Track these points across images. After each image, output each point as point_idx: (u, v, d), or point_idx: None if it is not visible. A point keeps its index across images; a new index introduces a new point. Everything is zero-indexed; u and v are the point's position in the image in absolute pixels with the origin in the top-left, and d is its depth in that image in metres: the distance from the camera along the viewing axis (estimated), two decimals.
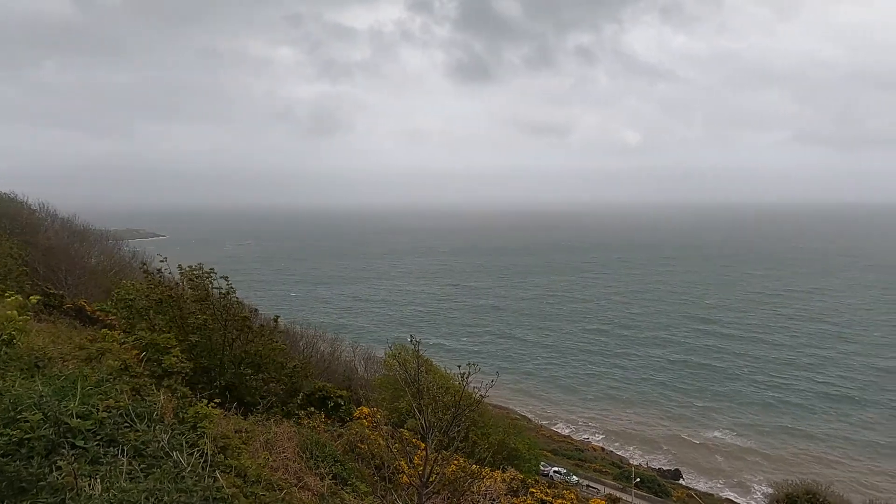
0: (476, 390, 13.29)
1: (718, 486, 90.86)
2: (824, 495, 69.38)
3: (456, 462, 14.89)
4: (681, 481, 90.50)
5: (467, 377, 12.90)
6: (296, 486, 10.97)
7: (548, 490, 20.79)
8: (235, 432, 10.53)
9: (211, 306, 19.32)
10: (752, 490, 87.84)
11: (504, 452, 46.05)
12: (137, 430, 7.86)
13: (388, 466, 14.86)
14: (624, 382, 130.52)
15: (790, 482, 75.04)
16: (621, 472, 79.99)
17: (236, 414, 14.60)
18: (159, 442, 7.63)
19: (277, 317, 24.36)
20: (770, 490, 79.31)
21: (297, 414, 18.58)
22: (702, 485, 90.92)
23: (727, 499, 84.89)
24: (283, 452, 12.92)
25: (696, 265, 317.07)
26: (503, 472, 23.92)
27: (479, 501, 15.65)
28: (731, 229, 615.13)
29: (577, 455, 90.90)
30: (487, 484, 17.13)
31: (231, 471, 8.06)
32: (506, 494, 18.23)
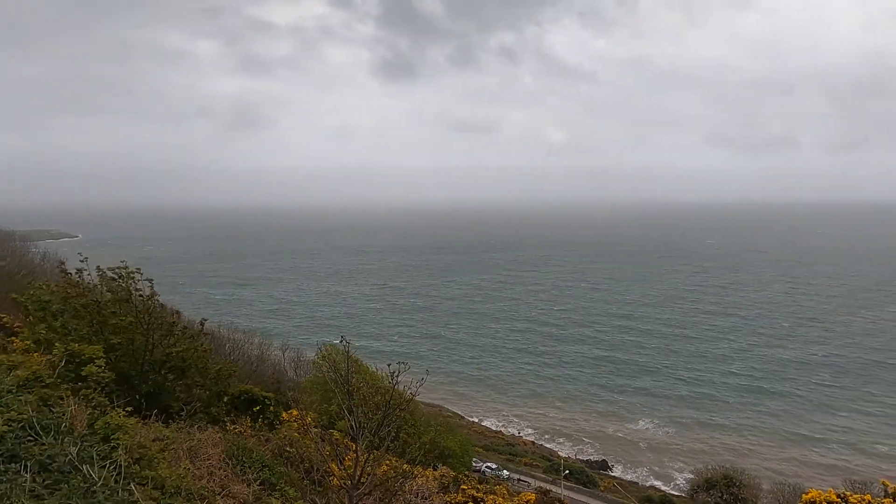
0: (406, 389, 13.18)
1: (643, 474, 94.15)
2: (739, 479, 73.36)
3: (388, 462, 14.73)
4: (608, 471, 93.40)
5: (397, 376, 12.76)
6: (220, 494, 10.54)
7: (479, 486, 20.93)
8: (154, 441, 10.00)
9: (133, 309, 18.44)
10: (675, 477, 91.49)
11: (436, 451, 46.15)
12: (43, 444, 7.30)
13: (318, 469, 14.54)
14: (551, 379, 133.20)
15: (709, 468, 78.88)
16: (551, 465, 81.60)
17: (157, 421, 13.94)
18: (67, 455, 7.10)
19: (204, 319, 23.46)
20: (691, 476, 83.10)
21: (223, 419, 17.94)
22: (628, 474, 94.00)
23: (652, 486, 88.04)
24: (208, 460, 12.40)
25: (618, 262, 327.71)
26: (435, 470, 23.92)
27: (411, 500, 15.54)
28: (651, 227, 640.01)
29: (509, 450, 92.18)
30: (419, 483, 17.06)
31: (148, 482, 7.62)
32: (438, 492, 18.21)
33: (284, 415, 20.89)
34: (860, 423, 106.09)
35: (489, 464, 76.04)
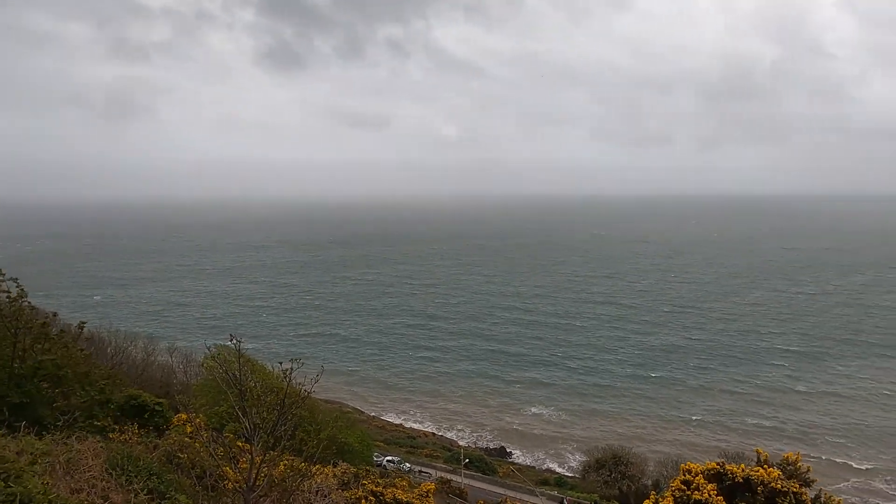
0: (301, 386, 12.96)
1: (540, 458, 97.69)
2: (627, 458, 77.78)
3: (285, 462, 14.44)
4: (506, 458, 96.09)
5: (291, 374, 12.51)
6: None
7: (380, 480, 20.96)
8: (19, 455, 9.28)
9: None
10: (568, 460, 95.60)
11: (334, 447, 45.70)
12: None
13: (211, 474, 14.02)
14: (448, 372, 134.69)
15: (599, 449, 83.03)
16: (451, 455, 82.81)
17: (29, 434, 12.91)
18: None
19: (84, 322, 21.89)
20: (583, 458, 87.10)
21: (109, 428, 16.90)
22: (525, 459, 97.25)
23: (548, 469, 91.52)
24: (89, 472, 11.66)
25: (511, 254, 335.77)
26: (335, 466, 23.71)
27: (310, 499, 15.33)
28: (542, 219, 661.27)
29: (410, 442, 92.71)
30: (318, 480, 16.85)
31: (15, 499, 7.05)
32: (338, 489, 18.07)
33: (174, 419, 19.96)
34: (731, 403, 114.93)
35: (390, 457, 76.13)
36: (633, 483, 71.88)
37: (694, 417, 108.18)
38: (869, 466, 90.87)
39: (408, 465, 74.97)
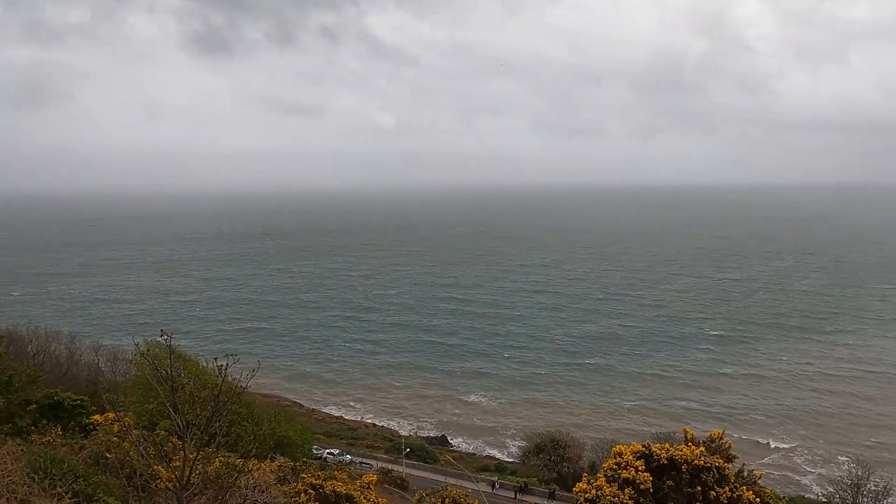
0: (237, 381, 12.69)
1: (480, 445, 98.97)
2: (565, 441, 79.65)
3: (221, 458, 14.12)
4: (447, 446, 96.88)
5: (225, 369, 12.22)
6: None
7: (319, 473, 20.80)
8: None
9: None
10: (508, 445, 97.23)
11: (271, 441, 45.06)
12: None
13: (142, 474, 13.58)
14: (387, 363, 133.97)
15: (538, 434, 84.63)
16: (392, 445, 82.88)
17: None
18: None
19: None
20: (523, 443, 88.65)
21: (28, 430, 16.11)
22: (467, 447, 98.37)
23: (488, 456, 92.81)
24: (8, 476, 11.11)
25: (450, 245, 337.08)
26: (273, 461, 23.39)
27: (247, 495, 15.06)
28: (482, 209, 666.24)
29: (350, 434, 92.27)
30: (256, 476, 16.57)
31: None
32: (276, 484, 17.83)
33: (100, 418, 19.19)
34: (661, 387, 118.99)
35: (331, 450, 75.63)
36: (571, 465, 73.77)
37: (627, 403, 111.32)
38: (788, 444, 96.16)
39: (349, 456, 74.66)
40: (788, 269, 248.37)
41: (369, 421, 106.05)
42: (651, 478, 10.74)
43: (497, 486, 67.06)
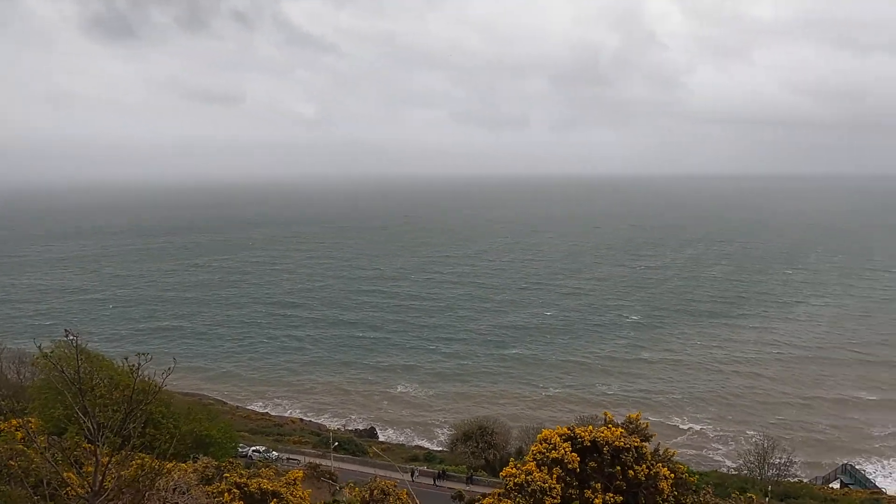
0: (151, 380, 12.15)
1: (409, 436, 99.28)
2: (492, 428, 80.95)
3: (138, 460, 13.51)
4: (376, 438, 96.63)
5: (139, 369, 11.65)
6: None
7: (244, 471, 20.27)
8: None
9: None
10: (437, 434, 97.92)
11: (189, 441, 43.69)
12: None
13: (49, 482, 12.80)
14: (311, 358, 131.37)
15: (466, 422, 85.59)
16: (320, 440, 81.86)
17: None
18: None
19: None
20: (451, 431, 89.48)
21: None
22: (395, 437, 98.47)
23: (417, 446, 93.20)
24: None
25: (373, 237, 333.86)
26: (195, 461, 22.65)
27: (167, 498, 14.50)
28: (405, 201, 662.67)
29: (277, 430, 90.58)
30: (176, 477, 15.97)
31: None
32: (198, 484, 17.25)
33: (2, 425, 17.97)
34: (583, 374, 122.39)
35: (256, 447, 74.07)
36: (498, 452, 75.08)
37: (550, 390, 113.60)
38: (700, 424, 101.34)
39: (275, 453, 73.36)
40: (700, 256, 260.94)
41: (296, 416, 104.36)
42: (578, 458, 11.08)
43: (416, 473, 67.90)
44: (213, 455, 42.95)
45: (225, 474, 18.92)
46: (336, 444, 74.05)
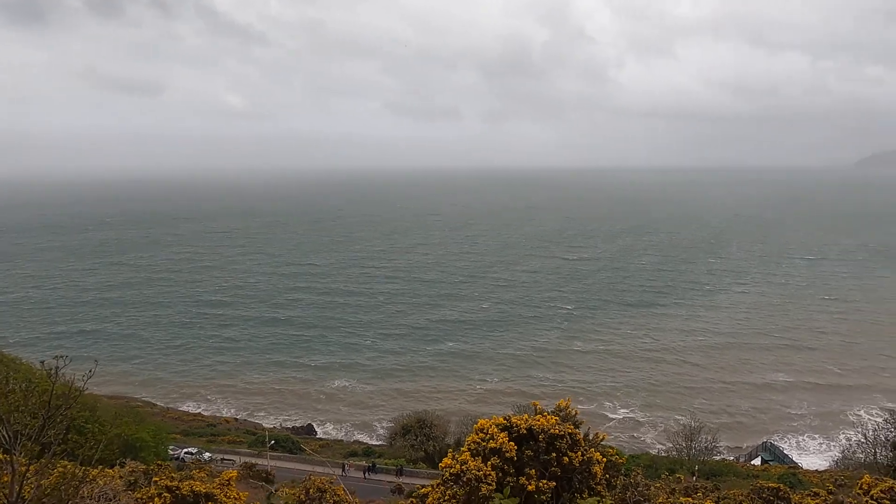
0: (72, 383, 11.59)
1: (348, 431, 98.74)
2: (431, 420, 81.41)
3: (60, 468, 12.89)
4: (314, 435, 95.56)
5: (58, 372, 11.08)
6: None
7: (174, 474, 19.65)
8: None
9: None
10: (376, 429, 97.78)
11: (116, 446, 42.04)
12: None
13: None
14: (244, 361, 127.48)
15: (404, 416, 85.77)
16: (256, 439, 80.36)
17: None
18: None
19: None
20: (390, 425, 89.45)
21: None
22: (334, 433, 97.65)
23: (356, 441, 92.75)
24: None
25: (304, 231, 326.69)
26: (122, 466, 21.80)
27: None
28: (338, 194, 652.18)
29: (210, 431, 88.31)
30: (102, 483, 15.34)
31: None
32: (125, 490, 16.62)
33: None
34: (518, 366, 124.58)
35: (189, 449, 72.09)
36: (437, 443, 75.55)
37: (486, 384, 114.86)
38: (631, 410, 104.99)
39: (209, 454, 71.55)
40: (629, 247, 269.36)
41: (230, 416, 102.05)
42: (514, 447, 11.31)
43: (347, 468, 68.40)
44: (143, 459, 41.48)
45: (154, 478, 18.29)
46: (272, 442, 72.87)
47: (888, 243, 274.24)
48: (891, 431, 61.63)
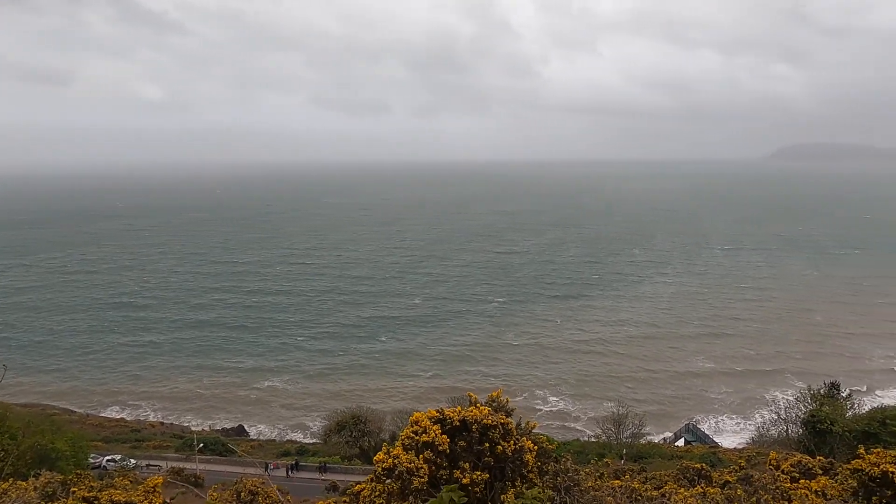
0: None
1: (281, 430, 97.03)
2: (365, 416, 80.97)
3: None
4: (245, 436, 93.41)
5: None
6: None
7: (94, 484, 18.75)
8: None
9: None
10: (309, 427, 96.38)
11: (30, 457, 39.83)
12: None
13: None
14: (167, 365, 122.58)
15: (338, 412, 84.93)
16: (183, 442, 77.93)
17: None
18: None
19: None
20: (324, 423, 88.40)
21: None
22: (268, 433, 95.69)
23: (289, 440, 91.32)
24: None
25: (226, 228, 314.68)
26: (37, 478, 20.64)
27: None
28: (263, 189, 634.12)
29: (135, 437, 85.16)
30: (14, 496, 14.48)
31: None
32: (40, 502, 15.74)
33: None
34: (451, 360, 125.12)
35: (111, 456, 69.25)
36: (372, 439, 75.25)
37: (419, 381, 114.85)
38: (562, 399, 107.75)
39: (133, 461, 68.83)
40: (558, 240, 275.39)
41: (156, 421, 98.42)
42: (448, 440, 11.39)
43: (271, 466, 68.09)
44: (61, 469, 39.42)
45: (72, 489, 17.39)
46: (201, 445, 70.76)
47: (797, 232, 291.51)
48: (801, 409, 65.62)
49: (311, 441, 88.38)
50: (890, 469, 10.72)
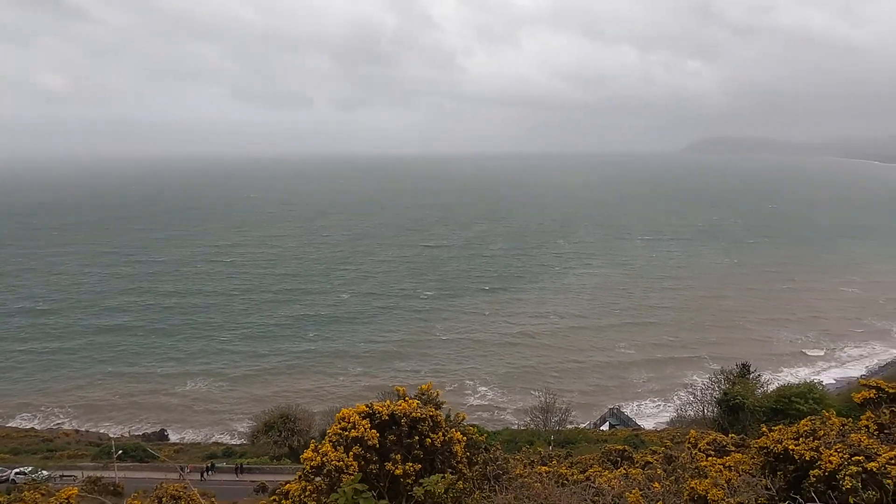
0: None
1: (206, 433, 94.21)
2: (294, 415, 79.63)
3: None
4: (167, 440, 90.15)
5: None
6: None
7: (2, 499, 17.66)
8: None
9: None
10: (236, 428, 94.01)
11: None
12: None
13: None
14: (78, 373, 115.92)
15: (266, 412, 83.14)
16: (101, 450, 74.44)
17: None
18: None
19: None
20: (252, 423, 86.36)
21: None
22: (191, 437, 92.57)
23: (215, 442, 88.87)
24: None
25: (139, 226, 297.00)
26: None
27: None
28: (177, 184, 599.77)
29: (46, 447, 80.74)
30: None
31: None
32: None
33: None
34: (378, 356, 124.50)
35: (20, 469, 65.30)
36: (302, 437, 74.16)
37: (349, 379, 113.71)
38: (490, 389, 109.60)
39: (45, 472, 65.25)
40: (484, 233, 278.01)
41: (70, 428, 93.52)
42: (377, 434, 11.39)
43: (186, 470, 67.00)
44: None
45: None
46: (119, 452, 67.74)
47: (711, 223, 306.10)
48: (715, 390, 69.29)
49: (238, 442, 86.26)
50: (791, 446, 11.44)
